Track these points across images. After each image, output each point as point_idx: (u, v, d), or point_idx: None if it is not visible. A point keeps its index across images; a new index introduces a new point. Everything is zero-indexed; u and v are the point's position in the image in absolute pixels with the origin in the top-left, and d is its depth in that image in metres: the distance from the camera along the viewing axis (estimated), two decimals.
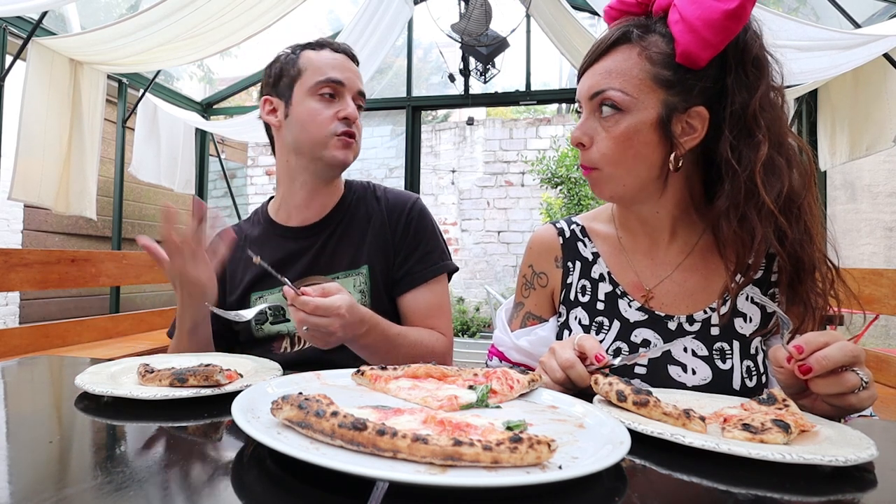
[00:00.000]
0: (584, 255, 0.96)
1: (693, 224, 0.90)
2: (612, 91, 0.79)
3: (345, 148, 1.11)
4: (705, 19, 0.74)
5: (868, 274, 2.31)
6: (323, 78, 1.10)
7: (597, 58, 0.83)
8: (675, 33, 0.77)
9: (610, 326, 0.90)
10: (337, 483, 0.42)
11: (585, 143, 0.83)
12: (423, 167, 4.89)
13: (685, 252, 0.90)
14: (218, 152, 4.89)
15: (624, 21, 0.84)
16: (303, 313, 0.84)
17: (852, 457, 0.47)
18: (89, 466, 0.48)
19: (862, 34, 2.51)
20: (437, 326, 1.15)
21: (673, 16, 0.78)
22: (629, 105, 0.79)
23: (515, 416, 0.56)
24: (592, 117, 0.83)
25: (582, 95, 0.84)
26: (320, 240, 1.15)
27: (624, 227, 0.96)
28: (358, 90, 1.14)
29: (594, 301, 0.93)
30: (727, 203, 0.79)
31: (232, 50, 3.71)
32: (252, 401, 0.55)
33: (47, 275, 2.49)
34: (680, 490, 0.47)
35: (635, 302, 0.90)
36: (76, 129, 3.11)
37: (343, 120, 1.10)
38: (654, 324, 0.87)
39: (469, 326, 6.60)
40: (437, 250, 1.18)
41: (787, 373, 0.65)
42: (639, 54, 0.80)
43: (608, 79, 0.80)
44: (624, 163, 0.81)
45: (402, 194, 1.22)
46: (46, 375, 0.87)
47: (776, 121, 0.79)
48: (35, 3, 2.53)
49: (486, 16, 3.46)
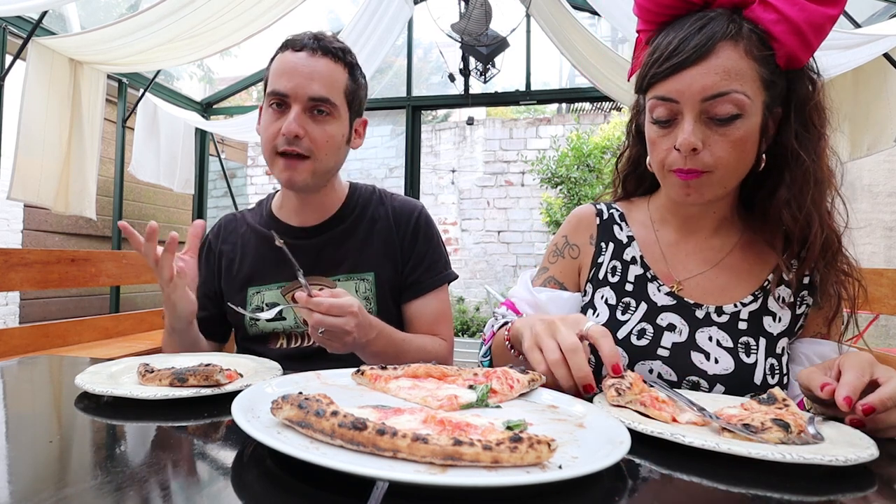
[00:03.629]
0: (618, 237, 0.97)
1: (734, 224, 0.92)
2: (737, 94, 0.74)
3: (287, 169, 1.02)
4: (812, 23, 0.73)
5: (868, 274, 2.28)
6: (270, 89, 1.02)
7: (701, 55, 0.75)
8: (776, 34, 0.75)
9: (637, 308, 0.90)
10: (337, 483, 0.42)
11: (699, 147, 0.77)
12: (423, 167, 4.89)
13: (722, 251, 0.91)
14: (218, 152, 4.89)
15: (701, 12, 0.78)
16: (318, 314, 0.83)
17: (852, 457, 0.47)
18: (89, 466, 0.48)
19: (862, 34, 2.51)
20: (440, 333, 1.17)
21: (767, 14, 0.75)
22: (748, 108, 0.75)
23: (515, 415, 0.56)
24: (700, 118, 0.77)
25: (689, 95, 0.76)
26: (322, 241, 1.14)
27: (661, 221, 0.96)
28: (309, 97, 1.00)
29: (623, 282, 0.93)
30: (789, 194, 0.80)
31: (232, 50, 3.72)
32: (252, 400, 0.54)
33: (47, 275, 2.49)
34: (680, 490, 0.47)
35: (664, 287, 0.90)
36: (76, 128, 3.11)
37: (284, 136, 1.00)
38: (682, 310, 0.88)
39: (469, 326, 6.60)
40: (442, 259, 1.20)
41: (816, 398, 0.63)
42: (746, 52, 0.75)
43: (729, 80, 0.74)
44: (738, 167, 0.79)
45: (408, 202, 1.21)
46: (46, 375, 0.87)
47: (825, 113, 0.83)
48: (35, 2, 2.53)
49: (486, 15, 3.46)
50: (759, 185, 0.86)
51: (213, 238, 1.23)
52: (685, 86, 0.76)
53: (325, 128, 1.03)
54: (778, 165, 0.82)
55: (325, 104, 1.02)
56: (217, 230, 1.24)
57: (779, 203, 0.81)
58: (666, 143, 0.81)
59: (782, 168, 0.81)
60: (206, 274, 1.21)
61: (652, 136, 0.83)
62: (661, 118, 0.80)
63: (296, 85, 1.00)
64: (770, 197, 0.83)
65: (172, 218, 5.28)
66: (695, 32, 0.76)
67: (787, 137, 0.80)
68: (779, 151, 0.81)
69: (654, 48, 0.81)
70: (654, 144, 0.83)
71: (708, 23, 0.76)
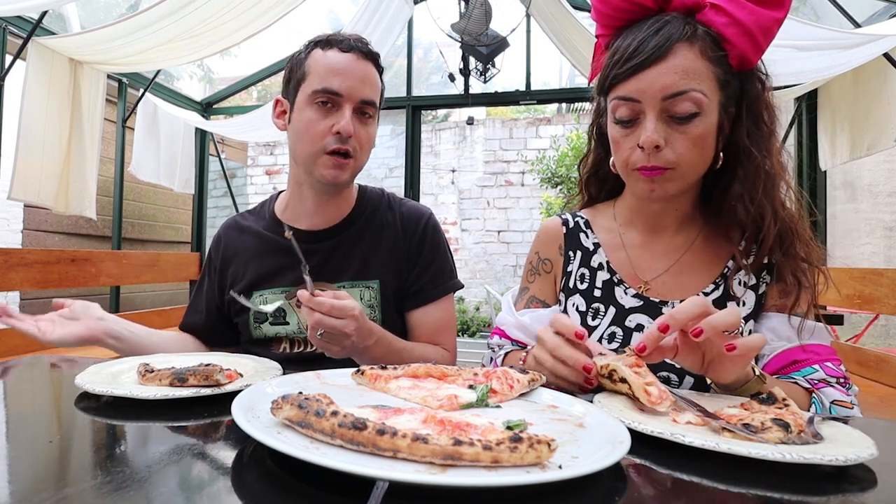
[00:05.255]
0: (585, 245, 1.00)
1: (694, 220, 0.95)
2: (695, 93, 0.78)
3: (335, 168, 1.03)
4: (760, 25, 0.77)
5: (868, 274, 2.30)
6: (319, 87, 1.02)
7: (660, 55, 0.78)
8: (728, 36, 0.78)
9: (605, 312, 0.94)
10: (337, 483, 0.42)
11: (661, 144, 0.81)
12: (423, 167, 4.89)
13: (685, 247, 0.93)
14: (218, 152, 4.89)
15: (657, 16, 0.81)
16: (318, 314, 0.82)
17: (852, 457, 0.47)
18: (89, 466, 0.48)
19: (862, 34, 2.51)
20: (443, 343, 1.16)
21: (719, 18, 0.79)
22: (706, 107, 0.79)
23: (515, 415, 0.56)
24: (661, 117, 0.80)
25: (651, 94, 0.79)
26: (329, 246, 1.12)
27: (627, 224, 0.98)
28: (361, 99, 1.03)
29: (591, 288, 0.96)
30: (742, 189, 0.84)
31: (232, 50, 3.71)
32: (252, 400, 0.55)
33: (47, 275, 2.49)
34: (680, 490, 0.47)
35: (631, 290, 0.93)
36: (76, 128, 3.11)
37: (337, 135, 1.01)
38: (649, 309, 0.91)
39: (469, 326, 6.60)
40: (448, 268, 1.18)
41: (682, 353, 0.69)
42: (701, 53, 0.79)
43: (687, 79, 0.78)
44: (697, 163, 0.82)
45: (417, 208, 1.20)
46: (46, 375, 0.87)
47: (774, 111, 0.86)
48: (35, 2, 2.53)
49: (486, 15, 3.46)
50: (716, 182, 0.90)
51: (213, 252, 1.21)
52: (646, 85, 0.79)
53: (368, 129, 1.07)
54: (732, 162, 0.86)
55: (370, 107, 1.06)
56: (217, 243, 1.21)
57: (732, 197, 0.85)
58: (629, 142, 0.83)
59: (735, 165, 0.85)
60: (208, 288, 1.20)
61: (615, 135, 0.86)
62: (624, 118, 0.83)
63: (350, 86, 1.02)
64: (725, 192, 0.87)
65: (172, 218, 5.29)
66: (652, 34, 0.79)
67: (740, 135, 0.84)
68: (732, 149, 0.85)
69: (613, 51, 0.84)
70: (617, 144, 0.86)
71: (664, 26, 0.79)
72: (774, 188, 0.85)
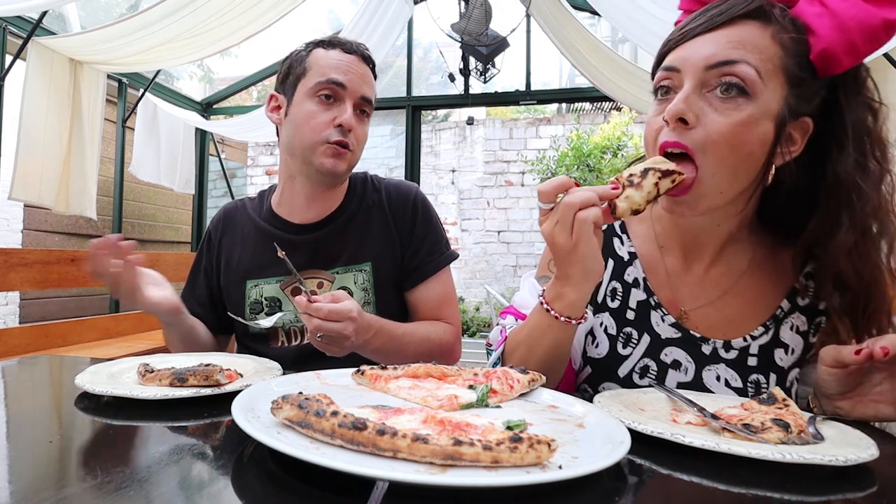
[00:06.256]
0: (619, 253, 0.85)
1: (742, 245, 0.80)
2: (744, 66, 0.65)
3: (334, 157, 1.06)
4: (861, 22, 0.63)
5: None
6: (323, 79, 1.05)
7: (722, 23, 0.67)
8: (816, 27, 0.66)
9: (639, 340, 0.81)
10: (337, 483, 0.42)
11: (690, 120, 0.67)
12: (423, 167, 4.89)
13: (732, 276, 0.80)
14: (218, 152, 4.89)
15: None
16: (317, 320, 0.84)
17: (852, 457, 0.47)
18: (89, 466, 0.48)
19: None
20: (446, 317, 1.16)
21: (813, 7, 0.67)
22: (758, 90, 0.65)
23: (515, 415, 0.56)
24: (700, 92, 0.67)
25: (693, 63, 0.67)
26: (321, 235, 1.14)
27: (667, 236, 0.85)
28: (361, 95, 1.08)
29: (624, 308, 0.83)
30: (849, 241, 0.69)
31: (232, 50, 3.72)
32: (252, 400, 0.54)
33: (47, 274, 2.49)
34: (680, 490, 0.47)
35: (669, 317, 0.80)
36: (76, 128, 3.11)
37: (338, 128, 1.05)
38: (687, 344, 0.79)
39: (469, 326, 6.60)
40: (443, 240, 1.19)
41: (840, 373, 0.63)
42: (773, 36, 0.66)
43: (740, 50, 0.65)
44: (732, 161, 0.67)
45: (402, 185, 1.21)
46: (46, 375, 0.87)
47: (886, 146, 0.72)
48: (35, 2, 2.53)
49: (486, 15, 3.46)
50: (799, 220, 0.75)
51: (213, 230, 1.23)
52: (690, 52, 0.68)
53: (364, 127, 1.12)
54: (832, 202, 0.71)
55: (368, 106, 1.11)
56: (218, 221, 1.23)
57: (837, 249, 0.69)
58: (657, 121, 0.71)
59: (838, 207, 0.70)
60: (206, 267, 1.21)
61: (649, 113, 0.74)
62: (661, 88, 0.72)
63: (351, 80, 1.07)
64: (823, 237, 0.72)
65: (172, 218, 5.29)
66: (717, 5, 0.69)
67: (844, 167, 0.68)
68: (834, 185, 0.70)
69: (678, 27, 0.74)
70: (648, 124, 0.74)
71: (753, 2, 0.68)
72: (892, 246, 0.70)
